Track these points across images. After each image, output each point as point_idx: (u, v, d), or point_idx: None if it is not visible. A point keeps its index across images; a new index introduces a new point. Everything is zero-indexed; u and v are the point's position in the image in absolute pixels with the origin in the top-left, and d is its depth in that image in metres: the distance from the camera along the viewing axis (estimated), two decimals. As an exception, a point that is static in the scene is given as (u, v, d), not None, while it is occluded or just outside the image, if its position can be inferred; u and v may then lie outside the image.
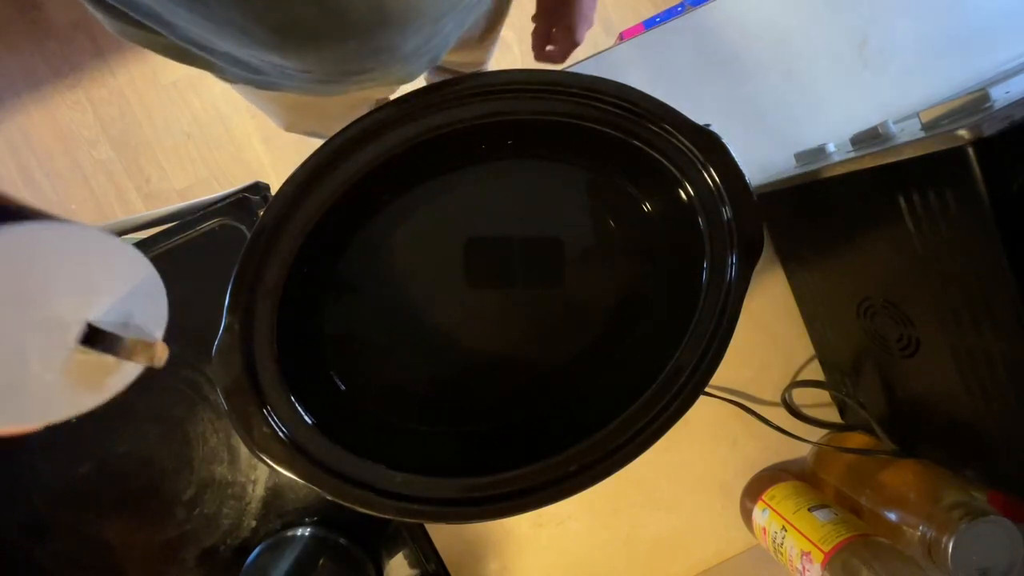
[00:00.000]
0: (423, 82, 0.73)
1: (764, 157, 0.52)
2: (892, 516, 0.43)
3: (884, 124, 0.39)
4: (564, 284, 0.42)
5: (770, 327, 0.54)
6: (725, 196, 0.37)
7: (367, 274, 0.40)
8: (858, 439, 0.51)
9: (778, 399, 0.54)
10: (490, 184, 0.41)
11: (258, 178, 0.50)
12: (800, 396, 0.54)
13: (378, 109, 0.35)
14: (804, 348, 0.54)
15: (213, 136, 1.28)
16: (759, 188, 0.49)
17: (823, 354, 0.53)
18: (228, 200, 0.46)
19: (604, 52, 0.53)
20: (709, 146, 0.37)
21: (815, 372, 0.54)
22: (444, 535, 0.52)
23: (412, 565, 0.50)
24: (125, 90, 1.28)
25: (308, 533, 0.47)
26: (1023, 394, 0.32)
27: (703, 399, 0.39)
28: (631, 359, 0.41)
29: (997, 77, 0.47)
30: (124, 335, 0.21)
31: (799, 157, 0.49)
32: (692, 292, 0.37)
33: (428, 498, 0.34)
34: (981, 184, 0.29)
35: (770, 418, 0.51)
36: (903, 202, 0.34)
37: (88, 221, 1.30)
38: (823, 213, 0.44)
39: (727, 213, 0.37)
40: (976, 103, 0.32)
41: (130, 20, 0.35)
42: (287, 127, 0.64)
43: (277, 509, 0.48)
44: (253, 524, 0.48)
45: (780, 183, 0.46)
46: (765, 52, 0.53)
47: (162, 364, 0.22)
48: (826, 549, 0.42)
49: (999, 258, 0.30)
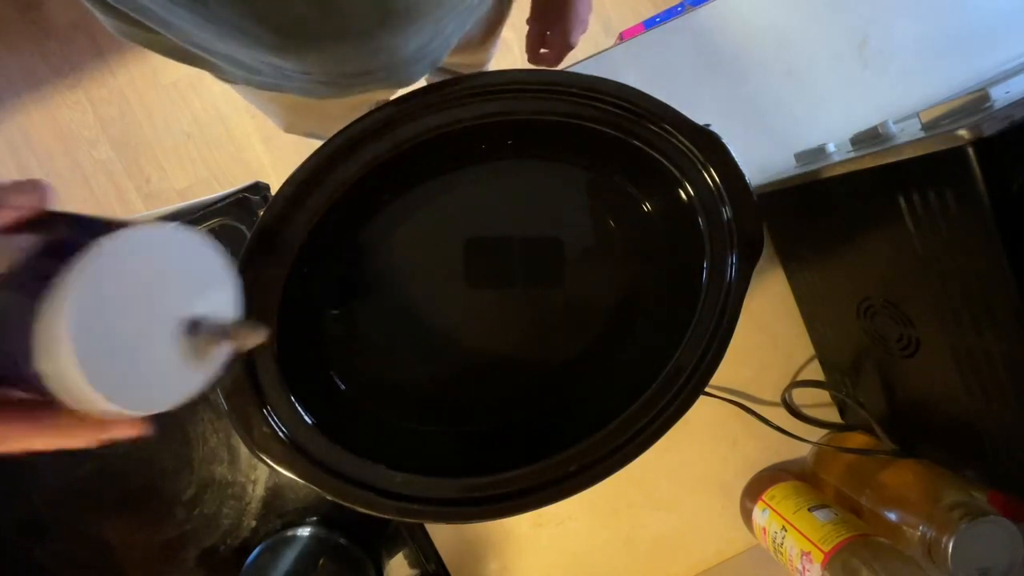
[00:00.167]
0: (423, 82, 0.73)
1: (764, 157, 0.52)
2: (892, 516, 0.43)
3: (884, 124, 0.39)
4: (564, 284, 0.42)
5: (770, 327, 0.54)
6: (725, 196, 0.37)
7: (367, 274, 0.40)
8: (858, 439, 0.51)
9: (778, 399, 0.54)
10: (490, 184, 0.41)
11: (258, 178, 0.50)
12: (800, 396, 0.54)
13: (378, 109, 0.35)
14: (804, 348, 0.54)
15: (213, 136, 1.28)
16: (759, 188, 0.48)
17: (823, 354, 0.53)
18: (228, 200, 0.46)
19: (604, 52, 0.53)
20: (709, 146, 0.37)
21: (815, 372, 0.54)
22: (444, 535, 0.52)
23: (412, 565, 0.50)
24: (125, 90, 1.28)
25: (308, 533, 0.47)
26: (1023, 394, 0.32)
27: (703, 399, 0.39)
28: (631, 359, 0.41)
29: (997, 77, 0.47)
30: (225, 321, 0.23)
31: (799, 157, 0.49)
32: (692, 292, 0.37)
33: (428, 498, 0.34)
34: (981, 184, 0.29)
35: (770, 418, 0.51)
36: (903, 202, 0.34)
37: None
38: (823, 213, 0.44)
39: (727, 213, 0.37)
40: (976, 103, 0.32)
41: (130, 20, 0.35)
42: (287, 128, 0.64)
43: (277, 509, 0.48)
44: (253, 524, 0.48)
45: (780, 183, 0.46)
46: (765, 52, 0.53)
47: (266, 340, 0.24)
48: (826, 549, 0.42)
49: (999, 258, 0.30)
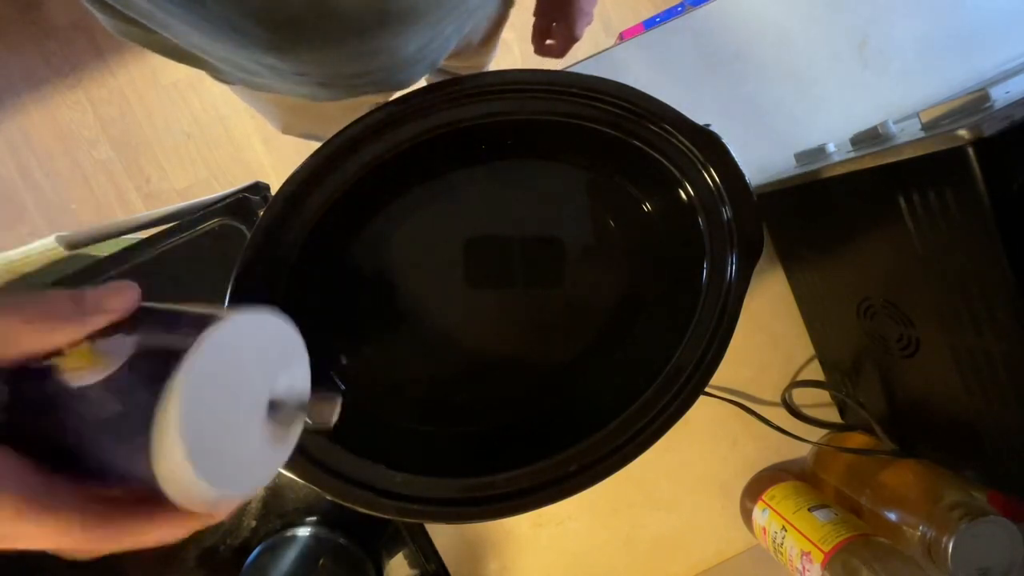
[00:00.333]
0: (423, 83, 0.73)
1: (764, 157, 0.52)
2: (892, 516, 0.43)
3: (884, 124, 0.39)
4: (564, 284, 0.42)
5: (770, 327, 0.54)
6: (725, 196, 0.37)
7: (367, 274, 0.40)
8: (858, 439, 0.51)
9: (778, 399, 0.54)
10: (490, 184, 0.41)
11: (258, 178, 0.50)
12: (800, 396, 0.54)
13: (378, 109, 0.35)
14: (804, 348, 0.54)
15: (213, 136, 1.28)
16: (759, 188, 0.48)
17: (823, 354, 0.53)
18: (228, 200, 0.46)
19: (604, 52, 0.53)
20: (709, 146, 0.37)
21: (815, 372, 0.54)
22: (444, 535, 0.52)
23: (412, 565, 0.50)
24: (125, 90, 1.28)
25: (308, 533, 0.47)
26: (1023, 394, 0.32)
27: (703, 399, 0.39)
28: (631, 359, 0.41)
29: (997, 77, 0.47)
30: (303, 398, 0.24)
31: (799, 157, 0.49)
32: (692, 292, 0.37)
33: (428, 498, 0.34)
34: (981, 184, 0.29)
35: (770, 418, 0.51)
36: (903, 202, 0.34)
37: (88, 221, 1.30)
38: (823, 213, 0.44)
39: (727, 213, 0.37)
40: (976, 103, 0.32)
41: (128, 19, 0.35)
42: (284, 129, 0.64)
43: (277, 509, 0.48)
44: (253, 524, 0.48)
45: (780, 183, 0.46)
46: (765, 52, 0.53)
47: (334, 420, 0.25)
48: (826, 549, 0.42)
49: (999, 258, 0.30)
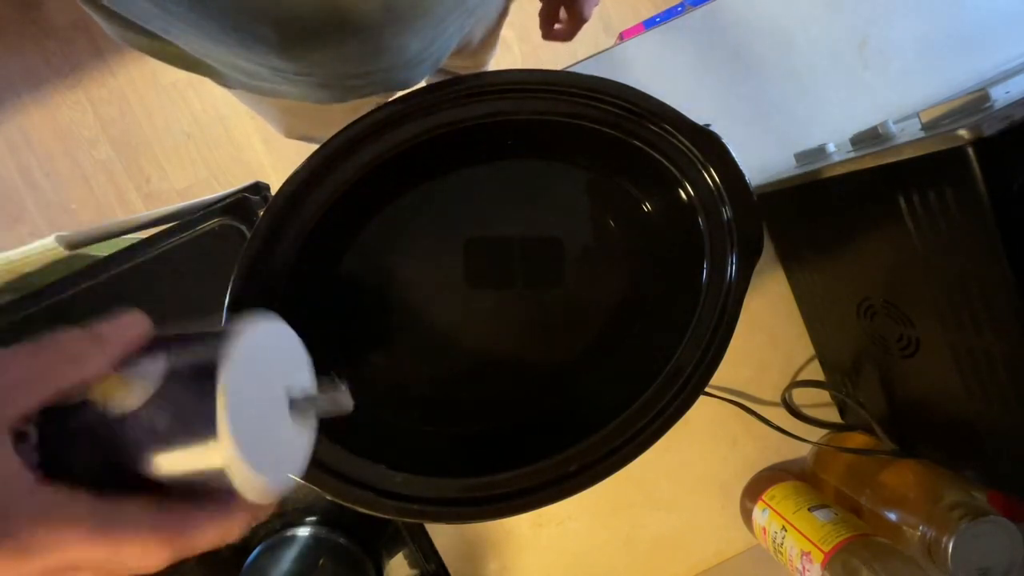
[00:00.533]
0: (423, 82, 0.73)
1: (764, 157, 0.52)
2: (892, 516, 0.43)
3: (884, 124, 0.39)
4: (564, 284, 0.42)
5: (770, 327, 0.54)
6: (725, 196, 0.37)
7: (367, 274, 0.40)
8: (858, 439, 0.51)
9: (778, 399, 0.54)
10: (490, 184, 0.41)
11: (258, 178, 0.50)
12: (800, 396, 0.54)
13: (378, 109, 0.35)
14: (804, 348, 0.54)
15: (213, 136, 1.28)
16: (759, 188, 0.48)
17: (823, 354, 0.53)
18: (228, 200, 0.46)
19: (604, 52, 0.53)
20: (709, 146, 0.37)
21: (815, 372, 0.54)
22: (444, 535, 0.52)
23: (412, 565, 0.50)
24: (125, 90, 1.28)
25: (308, 533, 0.47)
26: (1023, 394, 0.32)
27: (703, 399, 0.39)
28: (631, 359, 0.41)
29: (997, 77, 0.47)
30: (315, 394, 0.26)
31: (799, 157, 0.49)
32: (692, 292, 0.37)
33: (428, 498, 0.34)
34: (981, 184, 0.29)
35: (770, 418, 0.51)
36: (903, 202, 0.34)
37: (88, 221, 1.30)
38: (823, 213, 0.44)
39: (727, 213, 0.37)
40: (976, 103, 0.32)
41: (131, 25, 0.35)
42: (286, 132, 0.63)
43: (277, 509, 0.48)
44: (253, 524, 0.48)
45: (780, 183, 0.46)
46: (765, 52, 0.53)
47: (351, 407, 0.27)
48: (826, 549, 0.42)
49: (999, 258, 0.30)
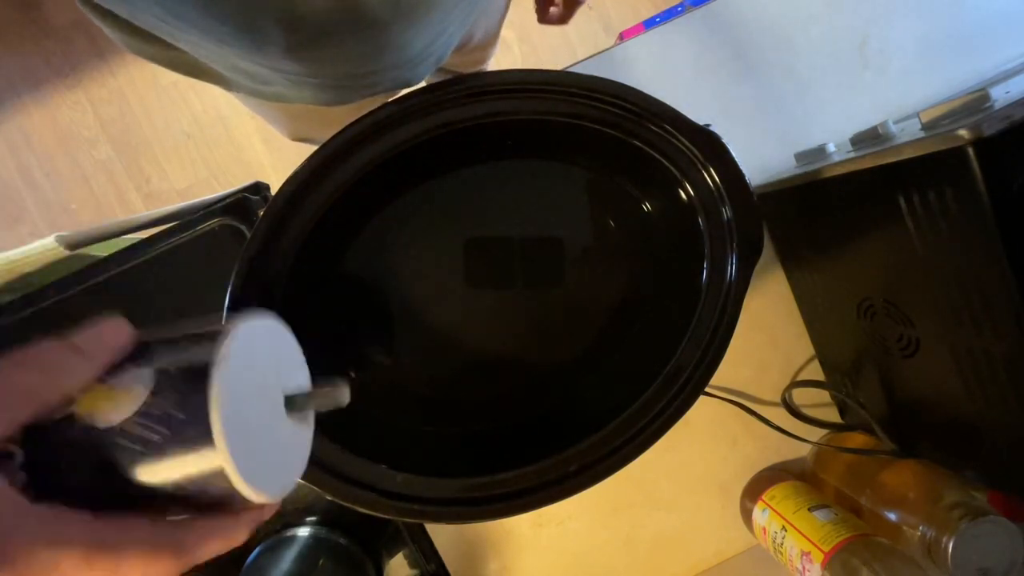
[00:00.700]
0: (424, 82, 0.73)
1: (764, 157, 0.52)
2: (892, 516, 0.43)
3: (884, 124, 0.39)
4: (564, 284, 0.42)
5: (770, 327, 0.54)
6: (725, 196, 0.37)
7: (367, 274, 0.40)
8: (858, 439, 0.51)
9: (778, 399, 0.54)
10: (490, 184, 0.41)
11: (258, 178, 0.50)
12: (800, 396, 0.54)
13: (378, 109, 0.35)
14: (804, 348, 0.54)
15: (213, 136, 1.28)
16: (759, 188, 0.48)
17: (823, 354, 0.53)
18: (228, 200, 0.46)
19: (604, 52, 0.53)
20: (709, 146, 0.37)
21: (815, 372, 0.54)
22: (444, 535, 0.52)
23: (412, 565, 0.50)
24: (125, 90, 1.28)
25: (308, 533, 0.47)
26: (1023, 394, 0.32)
27: (703, 399, 0.39)
28: (631, 359, 0.41)
29: (997, 77, 0.47)
30: (309, 390, 0.26)
31: (799, 157, 0.49)
32: (692, 292, 0.37)
33: (428, 498, 0.34)
34: (981, 184, 0.29)
35: (770, 418, 0.51)
36: (903, 202, 0.34)
37: (88, 221, 1.30)
38: (823, 213, 0.44)
39: (727, 213, 0.37)
40: (976, 103, 0.32)
41: (139, 32, 0.35)
42: (290, 134, 0.64)
43: (277, 509, 0.48)
44: (253, 524, 0.48)
45: (780, 183, 0.46)
46: (765, 52, 0.53)
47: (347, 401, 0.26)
48: (826, 549, 0.42)
49: (999, 258, 0.30)
